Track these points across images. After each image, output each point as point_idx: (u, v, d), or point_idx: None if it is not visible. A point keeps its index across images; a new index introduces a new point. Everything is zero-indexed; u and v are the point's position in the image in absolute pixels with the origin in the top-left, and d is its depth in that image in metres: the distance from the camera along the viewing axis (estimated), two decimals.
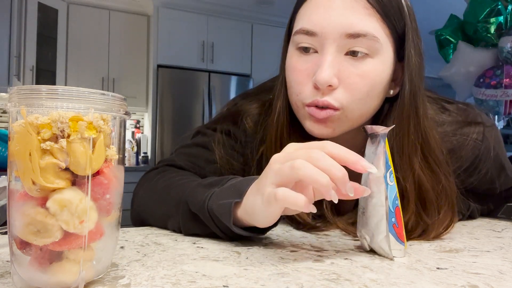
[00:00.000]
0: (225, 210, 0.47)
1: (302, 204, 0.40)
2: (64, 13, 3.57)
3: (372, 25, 0.52)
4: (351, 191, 0.41)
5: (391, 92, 0.59)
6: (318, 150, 0.41)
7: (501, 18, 2.59)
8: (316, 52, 0.55)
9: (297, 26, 0.56)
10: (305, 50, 0.55)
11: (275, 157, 0.44)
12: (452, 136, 0.64)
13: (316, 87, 0.53)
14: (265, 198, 0.42)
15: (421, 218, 0.55)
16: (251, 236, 0.50)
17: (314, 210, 0.41)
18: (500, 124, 2.93)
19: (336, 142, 0.64)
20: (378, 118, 0.61)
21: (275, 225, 0.49)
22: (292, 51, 0.58)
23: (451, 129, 0.65)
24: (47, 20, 3.39)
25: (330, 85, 0.53)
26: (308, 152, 0.41)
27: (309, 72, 0.55)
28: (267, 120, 0.65)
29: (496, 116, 2.84)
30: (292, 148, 0.44)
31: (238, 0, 3.82)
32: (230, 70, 3.96)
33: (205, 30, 3.88)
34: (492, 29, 2.63)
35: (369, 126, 0.47)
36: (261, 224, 0.46)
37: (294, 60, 0.57)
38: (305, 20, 0.55)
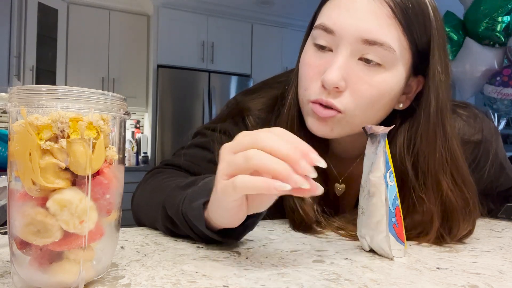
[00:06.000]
0: (196, 213, 0.45)
1: (264, 185, 0.36)
2: (64, 13, 3.57)
3: (391, 36, 0.51)
4: (307, 169, 0.36)
5: (401, 105, 0.58)
6: (264, 132, 0.39)
7: (508, 18, 2.58)
8: (332, 51, 0.54)
9: (318, 21, 0.55)
10: (321, 47, 0.54)
11: (225, 147, 0.40)
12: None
13: (324, 86, 0.53)
14: (219, 190, 0.40)
15: (442, 237, 0.53)
16: (225, 241, 0.47)
17: (284, 187, 0.36)
18: (501, 124, 2.93)
19: (339, 143, 0.65)
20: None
21: (250, 228, 0.47)
22: (308, 46, 0.57)
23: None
24: (47, 20, 3.39)
25: (336, 87, 0.52)
26: (254, 134, 0.38)
27: (320, 69, 0.54)
28: (279, 116, 0.64)
29: (496, 114, 2.84)
30: (241, 135, 0.41)
31: (238, 0, 3.82)
32: (230, 70, 3.96)
33: (205, 30, 3.88)
34: (499, 28, 2.62)
35: (369, 126, 0.47)
36: (227, 223, 0.43)
37: (309, 54, 0.56)
38: (325, 17, 0.54)
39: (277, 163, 0.36)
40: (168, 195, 0.51)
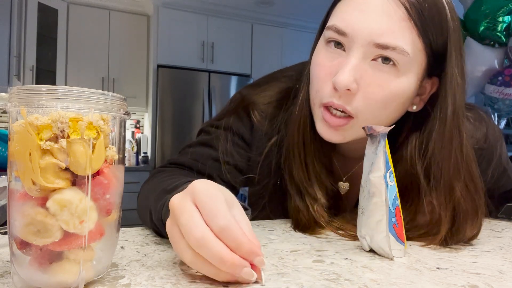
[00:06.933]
0: None
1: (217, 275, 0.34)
2: (64, 13, 3.57)
3: (405, 39, 0.49)
4: (248, 275, 0.34)
5: (414, 107, 0.57)
6: (185, 217, 0.34)
7: (509, 18, 2.58)
8: (345, 51, 0.53)
9: (330, 22, 0.54)
10: (337, 44, 0.53)
11: (172, 227, 0.36)
12: None
13: (335, 88, 0.52)
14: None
15: (447, 241, 0.52)
16: None
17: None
18: (501, 124, 2.94)
19: (347, 146, 0.64)
20: (400, 130, 0.58)
21: None
22: (321, 46, 0.56)
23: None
24: (47, 20, 3.39)
25: (348, 89, 0.51)
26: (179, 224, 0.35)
27: (332, 71, 0.53)
28: (288, 113, 0.63)
29: (496, 114, 2.84)
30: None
31: (238, 0, 3.82)
32: (230, 70, 3.97)
33: (205, 30, 3.88)
34: (500, 28, 2.61)
35: (369, 126, 0.47)
36: None
37: (321, 55, 0.55)
38: (338, 18, 0.53)
39: (220, 275, 0.34)
40: (155, 199, 0.50)
